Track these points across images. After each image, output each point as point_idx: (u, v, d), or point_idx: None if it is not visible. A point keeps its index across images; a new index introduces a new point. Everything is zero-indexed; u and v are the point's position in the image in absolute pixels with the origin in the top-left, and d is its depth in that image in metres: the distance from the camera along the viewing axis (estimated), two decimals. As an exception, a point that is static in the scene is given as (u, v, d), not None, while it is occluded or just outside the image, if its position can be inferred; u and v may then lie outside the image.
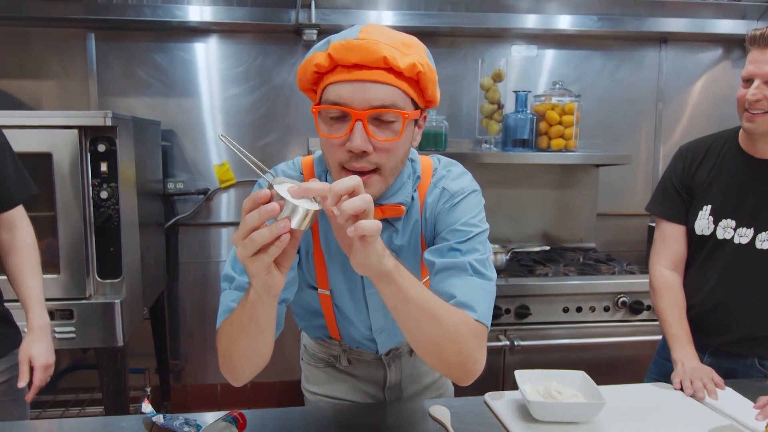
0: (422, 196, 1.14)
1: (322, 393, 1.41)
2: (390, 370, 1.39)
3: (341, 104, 0.95)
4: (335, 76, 0.95)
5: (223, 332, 1.01)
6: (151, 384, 2.95)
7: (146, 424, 1.20)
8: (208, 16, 2.73)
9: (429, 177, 1.16)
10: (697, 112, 3.21)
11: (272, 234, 0.75)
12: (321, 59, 0.96)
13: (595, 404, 1.21)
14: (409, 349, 1.39)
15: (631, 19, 2.97)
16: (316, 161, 1.16)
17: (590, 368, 2.40)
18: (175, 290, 3.01)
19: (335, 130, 0.97)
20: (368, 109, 0.94)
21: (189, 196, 2.93)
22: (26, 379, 1.49)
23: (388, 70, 0.94)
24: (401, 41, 0.97)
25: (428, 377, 1.45)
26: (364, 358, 1.38)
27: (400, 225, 1.14)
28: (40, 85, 2.82)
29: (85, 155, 2.03)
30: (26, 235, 1.58)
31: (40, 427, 1.30)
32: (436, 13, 2.85)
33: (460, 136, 2.98)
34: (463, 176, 1.17)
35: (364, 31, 0.96)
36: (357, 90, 0.94)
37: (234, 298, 1.03)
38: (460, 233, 1.07)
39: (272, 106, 2.95)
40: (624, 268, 2.62)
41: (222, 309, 1.05)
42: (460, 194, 1.12)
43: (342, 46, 0.93)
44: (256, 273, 0.80)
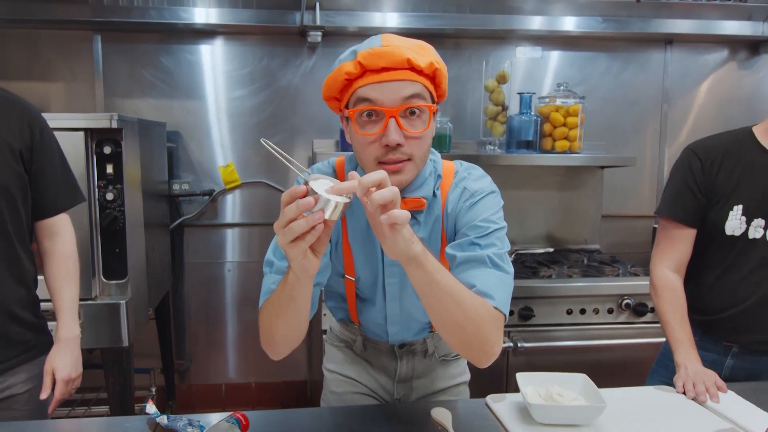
0: (444, 195, 1.24)
1: (339, 372, 1.48)
2: (401, 363, 1.43)
3: (374, 102, 1.07)
4: (365, 80, 1.07)
5: (264, 311, 1.12)
6: (156, 384, 2.96)
7: (150, 424, 1.21)
8: (213, 18, 2.75)
9: (451, 178, 1.25)
10: (703, 113, 3.20)
11: (308, 224, 0.85)
12: (350, 67, 1.07)
13: (596, 407, 1.21)
14: (424, 349, 1.43)
15: (636, 20, 2.97)
16: (347, 160, 1.28)
17: (594, 370, 2.40)
18: (180, 291, 3.03)
19: (369, 129, 1.09)
20: (399, 105, 1.07)
21: (194, 197, 2.95)
22: (48, 391, 1.48)
23: (411, 70, 1.07)
24: (417, 45, 1.10)
25: (442, 382, 1.47)
26: (378, 347, 1.44)
27: (422, 218, 1.23)
28: (47, 87, 2.84)
29: (91, 157, 2.04)
30: (67, 243, 1.56)
31: (44, 428, 1.31)
32: (441, 15, 2.86)
33: (464, 137, 2.98)
34: (483, 178, 1.26)
35: (385, 39, 1.08)
36: (386, 89, 1.06)
37: (274, 281, 1.13)
38: (480, 229, 1.16)
39: (277, 107, 2.96)
40: (628, 270, 2.61)
41: (263, 291, 1.16)
42: (480, 193, 1.21)
43: (370, 54, 1.06)
44: (295, 257, 0.91)
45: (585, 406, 1.24)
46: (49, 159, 1.49)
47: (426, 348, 1.43)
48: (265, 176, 2.98)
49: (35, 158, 1.46)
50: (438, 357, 1.45)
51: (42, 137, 1.47)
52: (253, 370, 3.12)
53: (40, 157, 1.47)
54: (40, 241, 1.55)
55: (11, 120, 1.42)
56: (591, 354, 2.41)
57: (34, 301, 1.53)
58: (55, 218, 1.54)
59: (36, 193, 1.48)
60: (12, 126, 1.42)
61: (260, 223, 3.02)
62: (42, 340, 1.54)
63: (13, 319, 1.45)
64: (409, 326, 1.36)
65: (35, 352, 1.51)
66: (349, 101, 1.11)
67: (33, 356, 1.50)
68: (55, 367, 1.50)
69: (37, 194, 1.48)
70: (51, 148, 1.50)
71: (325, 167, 1.29)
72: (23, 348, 1.47)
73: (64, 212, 1.56)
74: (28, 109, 1.47)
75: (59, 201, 1.54)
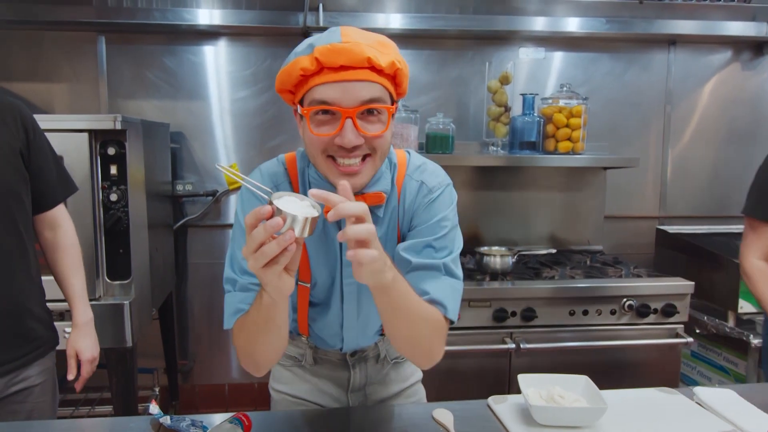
0: (399, 186, 1.19)
1: (287, 392, 1.42)
2: (354, 371, 1.39)
3: (331, 104, 1.01)
4: (322, 78, 1.00)
5: (239, 333, 1.09)
6: (160, 384, 2.97)
7: (154, 425, 1.22)
8: (217, 20, 2.76)
9: (404, 168, 1.21)
10: (707, 114, 3.20)
11: (280, 246, 0.82)
12: (306, 63, 1.01)
13: (597, 409, 1.22)
14: (376, 354, 1.40)
15: (639, 21, 2.96)
16: (299, 156, 1.22)
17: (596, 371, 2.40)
18: (184, 291, 3.04)
19: (324, 129, 1.03)
20: (356, 106, 1.01)
21: (197, 198, 2.96)
22: (74, 373, 1.60)
23: (371, 69, 1.01)
24: (378, 41, 1.04)
25: (396, 386, 1.44)
26: (330, 357, 1.38)
27: (381, 212, 1.18)
28: (52, 88, 2.86)
29: (95, 158, 2.05)
30: (69, 234, 1.61)
31: (48, 427, 1.32)
32: (444, 16, 2.86)
33: (467, 138, 2.98)
34: (438, 170, 1.23)
35: (345, 35, 1.01)
36: (345, 90, 1.00)
37: (241, 299, 1.10)
38: (436, 229, 1.14)
39: (280, 108, 2.96)
40: (631, 271, 2.61)
41: (231, 310, 1.12)
42: (437, 189, 1.18)
43: (328, 50, 0.99)
44: (269, 281, 0.88)
45: (586, 407, 1.24)
46: (44, 153, 1.53)
47: (378, 352, 1.39)
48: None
49: (32, 155, 1.49)
50: (390, 360, 1.42)
51: (35, 132, 1.51)
52: (256, 370, 3.13)
53: (37, 152, 1.50)
54: (40, 233, 1.58)
55: (6, 118, 1.45)
56: (593, 355, 2.41)
57: (42, 296, 1.57)
58: (55, 210, 1.57)
59: (35, 188, 1.51)
60: (8, 124, 1.45)
61: (263, 224, 3.02)
62: (52, 335, 1.58)
63: (28, 316, 1.48)
64: (365, 330, 1.32)
65: (48, 346, 1.55)
66: (304, 97, 1.05)
67: (46, 351, 1.54)
68: (78, 349, 1.60)
69: (35, 189, 1.52)
70: (43, 143, 1.54)
71: (275, 165, 1.22)
72: (38, 343, 1.51)
73: (62, 203, 1.60)
74: (18, 109, 1.49)
75: (56, 193, 1.57)
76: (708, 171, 3.23)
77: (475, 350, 2.36)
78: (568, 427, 1.21)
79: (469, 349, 2.36)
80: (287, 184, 1.18)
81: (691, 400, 1.37)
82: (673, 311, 2.42)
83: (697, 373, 2.84)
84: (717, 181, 3.23)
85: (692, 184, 3.23)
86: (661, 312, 2.43)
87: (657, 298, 2.43)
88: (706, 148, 3.22)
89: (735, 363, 2.62)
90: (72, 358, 1.60)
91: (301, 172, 1.19)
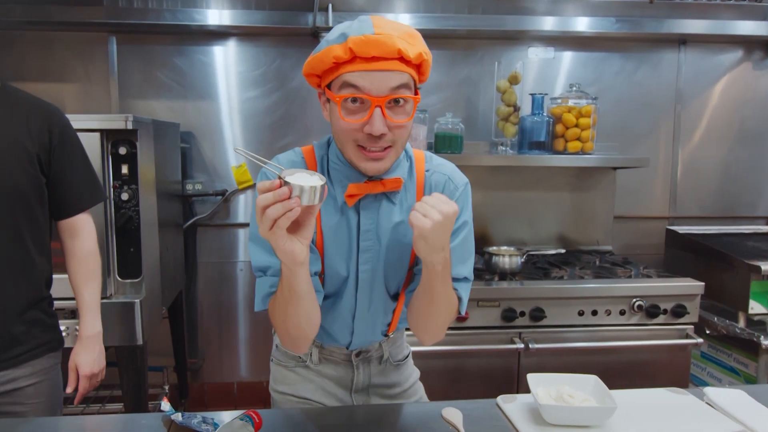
0: (421, 179, 1.27)
1: (291, 393, 1.43)
2: (358, 372, 1.41)
3: (361, 90, 1.07)
4: (354, 66, 1.06)
5: (273, 313, 1.17)
6: (169, 382, 2.99)
7: (165, 421, 1.23)
8: (226, 20, 2.77)
9: (422, 162, 1.29)
10: (717, 114, 3.18)
11: (284, 208, 0.91)
12: (340, 51, 1.06)
13: (607, 408, 1.21)
14: (379, 355, 1.42)
15: (649, 20, 2.95)
16: (316, 147, 1.27)
17: (605, 372, 2.40)
18: (193, 290, 3.06)
19: (354, 116, 1.09)
20: (386, 95, 1.07)
21: (207, 197, 2.97)
22: (73, 386, 1.58)
23: (400, 60, 1.07)
24: (407, 33, 1.09)
25: (397, 387, 1.46)
26: (335, 357, 1.40)
27: (397, 200, 1.24)
28: (63, 88, 2.88)
29: (107, 158, 2.07)
30: (87, 242, 1.58)
31: (61, 424, 1.33)
32: (453, 16, 2.86)
33: (476, 138, 2.98)
34: (456, 169, 1.31)
35: (377, 26, 1.06)
36: (375, 78, 1.06)
37: (272, 284, 1.17)
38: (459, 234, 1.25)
39: (289, 108, 2.98)
40: (641, 272, 2.60)
41: (262, 294, 1.19)
42: (461, 185, 1.28)
43: (362, 41, 1.04)
44: (276, 243, 0.96)
45: (595, 407, 1.24)
46: (70, 159, 1.51)
47: (381, 353, 1.42)
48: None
49: (54, 159, 1.47)
50: (393, 362, 1.44)
51: (62, 138, 1.48)
52: (265, 369, 3.10)
53: (60, 157, 1.48)
54: (62, 240, 1.57)
55: (30, 121, 1.44)
56: (602, 355, 2.40)
57: (46, 300, 1.54)
58: (76, 218, 1.55)
59: (56, 192, 1.50)
60: (30, 127, 1.43)
61: (272, 223, 3.03)
62: (51, 338, 1.54)
63: (20, 318, 1.46)
64: (375, 324, 1.33)
65: (42, 349, 1.51)
66: (333, 82, 1.10)
67: (39, 353, 1.50)
68: (78, 364, 1.57)
69: (57, 194, 1.50)
70: (72, 147, 1.51)
71: (291, 154, 1.27)
72: (29, 346, 1.48)
73: (85, 212, 1.57)
74: (47, 110, 1.48)
75: (80, 200, 1.55)
76: (718, 171, 3.22)
77: (483, 350, 2.36)
78: (578, 426, 1.21)
79: (478, 348, 2.36)
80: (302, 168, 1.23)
81: (701, 400, 1.36)
82: (683, 312, 2.41)
83: (707, 374, 2.82)
84: (727, 182, 3.21)
85: (703, 185, 3.21)
86: (671, 312, 2.42)
87: (667, 298, 2.42)
88: (716, 148, 3.20)
89: (745, 364, 2.60)
90: (72, 372, 1.57)
91: (319, 159, 1.25)
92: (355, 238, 1.23)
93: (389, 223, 1.23)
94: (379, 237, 1.23)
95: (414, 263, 1.27)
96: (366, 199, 1.20)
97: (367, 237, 1.22)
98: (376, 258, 1.24)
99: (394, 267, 1.26)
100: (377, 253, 1.24)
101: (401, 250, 1.25)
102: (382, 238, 1.23)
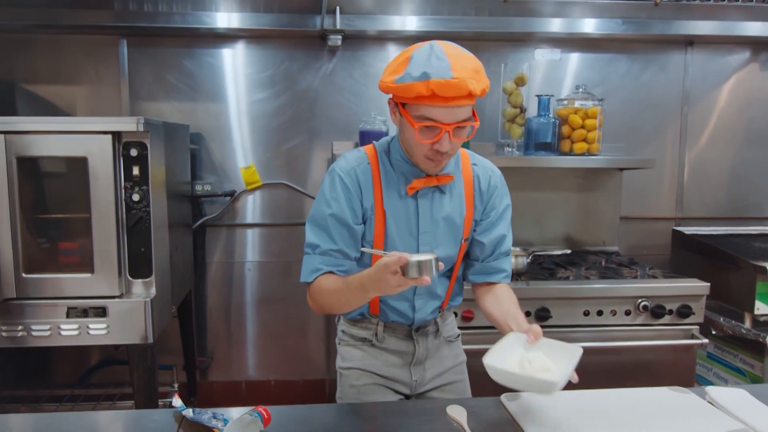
0: (468, 172, 1.53)
1: (358, 366, 1.58)
2: (418, 345, 1.57)
3: (437, 121, 1.30)
4: (433, 102, 1.28)
5: (322, 293, 1.40)
6: (179, 380, 3.03)
7: (176, 417, 1.26)
8: (235, 23, 2.80)
9: (467, 158, 1.55)
10: (724, 115, 3.18)
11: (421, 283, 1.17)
12: (422, 90, 1.26)
13: (546, 382, 1.15)
14: (435, 329, 1.60)
15: (656, 22, 2.95)
16: (377, 146, 1.51)
17: (611, 372, 2.41)
18: (202, 289, 3.09)
19: (427, 136, 1.32)
20: (453, 123, 1.30)
21: (216, 198, 3.00)
22: None
23: (468, 97, 1.28)
24: (475, 70, 1.29)
25: (449, 361, 1.64)
26: (397, 334, 1.57)
27: (447, 190, 1.49)
28: (75, 90, 2.92)
29: (119, 159, 2.10)
30: None
31: (75, 419, 1.36)
32: (460, 18, 2.88)
33: (482, 139, 2.99)
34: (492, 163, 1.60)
35: (454, 69, 1.25)
36: (448, 113, 1.29)
37: (321, 261, 1.41)
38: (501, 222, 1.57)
39: (297, 110, 3.00)
40: (647, 272, 2.61)
41: (310, 268, 1.42)
42: (500, 176, 1.59)
43: (442, 85, 1.24)
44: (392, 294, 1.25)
45: (535, 378, 1.18)
46: None
47: (437, 328, 1.60)
48: (285, 178, 3.02)
49: None
50: (444, 337, 1.63)
51: None
52: (273, 367, 3.17)
53: None
54: None
55: None
56: (608, 355, 2.41)
57: None
58: None
59: None
60: None
61: (280, 224, 3.07)
62: None
63: None
64: (432, 298, 1.55)
65: None
66: (409, 106, 1.33)
67: None
68: None
69: None
70: None
71: (357, 152, 1.50)
72: None
73: None
74: None
75: None
76: (725, 172, 3.22)
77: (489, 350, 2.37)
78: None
79: (483, 348, 2.35)
80: (366, 164, 1.46)
81: (703, 399, 1.38)
82: (688, 312, 2.42)
83: (713, 374, 2.82)
84: (734, 183, 3.21)
85: (709, 186, 3.21)
86: (677, 313, 2.43)
87: (672, 299, 2.43)
88: (723, 149, 3.20)
89: (751, 365, 2.61)
90: None
91: (380, 156, 1.48)
92: (415, 222, 1.46)
93: (441, 209, 1.48)
94: (434, 220, 1.47)
95: (463, 241, 1.53)
96: (422, 190, 1.45)
97: (424, 220, 1.46)
98: (433, 239, 1.48)
99: (446, 247, 1.49)
100: (434, 234, 1.48)
101: (452, 231, 1.50)
102: (437, 221, 1.47)
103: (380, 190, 1.45)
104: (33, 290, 2.10)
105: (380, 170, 1.46)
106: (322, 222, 1.43)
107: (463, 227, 1.52)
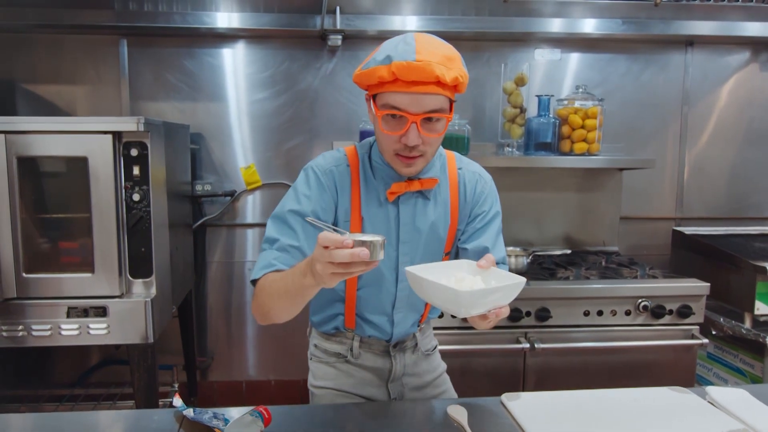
0: (454, 176, 1.43)
1: (331, 387, 1.50)
2: (395, 362, 1.50)
3: (401, 109, 1.20)
4: (395, 87, 1.19)
5: (264, 288, 1.23)
6: (179, 380, 3.03)
7: (177, 417, 1.26)
8: (235, 23, 2.80)
9: (454, 161, 1.45)
10: (724, 115, 3.18)
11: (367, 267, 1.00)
12: (384, 73, 1.18)
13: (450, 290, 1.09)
14: (413, 344, 1.53)
15: (656, 22, 2.95)
16: (358, 147, 1.41)
17: (611, 372, 2.41)
18: (203, 289, 3.09)
19: (393, 127, 1.23)
20: (421, 114, 1.20)
21: (216, 198, 3.01)
22: None
23: (437, 84, 1.18)
24: (446, 56, 1.20)
25: (428, 375, 1.57)
26: (373, 350, 1.49)
27: (432, 196, 1.39)
28: (74, 90, 2.92)
29: (119, 159, 2.10)
30: None
31: (75, 419, 1.36)
32: (460, 18, 2.88)
33: (482, 139, 3.00)
34: (480, 167, 1.49)
35: (419, 52, 1.17)
36: (413, 100, 1.19)
37: (276, 257, 1.25)
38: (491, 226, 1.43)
39: (297, 110, 3.01)
40: (647, 273, 2.61)
41: (263, 264, 1.26)
42: (489, 181, 1.47)
43: (404, 67, 1.16)
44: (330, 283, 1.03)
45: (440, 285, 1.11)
46: None
47: (415, 342, 1.53)
48: (285, 177, 3.02)
49: None
50: (422, 352, 1.56)
51: None
52: (273, 367, 3.17)
53: None
54: None
55: None
56: (608, 355, 2.42)
57: None
58: None
59: None
60: None
61: (280, 224, 3.06)
62: None
63: None
64: (412, 311, 1.46)
65: None
66: (377, 96, 1.24)
67: None
68: None
69: None
70: None
71: (336, 152, 1.40)
72: None
73: None
74: None
75: None
76: (725, 172, 3.22)
77: (489, 349, 2.38)
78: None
79: (484, 348, 2.38)
80: (345, 166, 1.36)
81: (704, 399, 1.38)
82: (688, 312, 2.42)
83: (713, 374, 2.83)
84: (734, 183, 3.22)
85: (709, 186, 3.22)
86: (677, 313, 2.43)
87: (672, 299, 2.43)
88: (723, 149, 3.20)
89: (752, 365, 2.61)
90: None
91: (361, 159, 1.38)
92: (395, 231, 1.37)
93: (424, 216, 1.38)
94: (416, 229, 1.37)
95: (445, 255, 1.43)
96: (404, 195, 1.36)
97: (405, 229, 1.37)
98: (415, 249, 1.38)
99: (428, 258, 1.39)
100: (415, 245, 1.38)
101: (435, 242, 1.41)
102: (419, 230, 1.38)
103: (358, 196, 1.35)
104: (33, 290, 2.11)
105: (360, 174, 1.36)
106: (286, 217, 1.29)
107: (446, 240, 1.42)
